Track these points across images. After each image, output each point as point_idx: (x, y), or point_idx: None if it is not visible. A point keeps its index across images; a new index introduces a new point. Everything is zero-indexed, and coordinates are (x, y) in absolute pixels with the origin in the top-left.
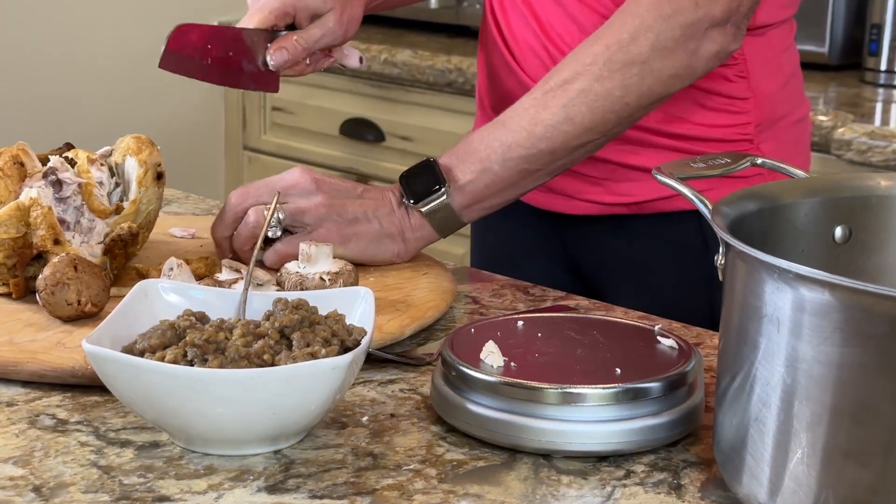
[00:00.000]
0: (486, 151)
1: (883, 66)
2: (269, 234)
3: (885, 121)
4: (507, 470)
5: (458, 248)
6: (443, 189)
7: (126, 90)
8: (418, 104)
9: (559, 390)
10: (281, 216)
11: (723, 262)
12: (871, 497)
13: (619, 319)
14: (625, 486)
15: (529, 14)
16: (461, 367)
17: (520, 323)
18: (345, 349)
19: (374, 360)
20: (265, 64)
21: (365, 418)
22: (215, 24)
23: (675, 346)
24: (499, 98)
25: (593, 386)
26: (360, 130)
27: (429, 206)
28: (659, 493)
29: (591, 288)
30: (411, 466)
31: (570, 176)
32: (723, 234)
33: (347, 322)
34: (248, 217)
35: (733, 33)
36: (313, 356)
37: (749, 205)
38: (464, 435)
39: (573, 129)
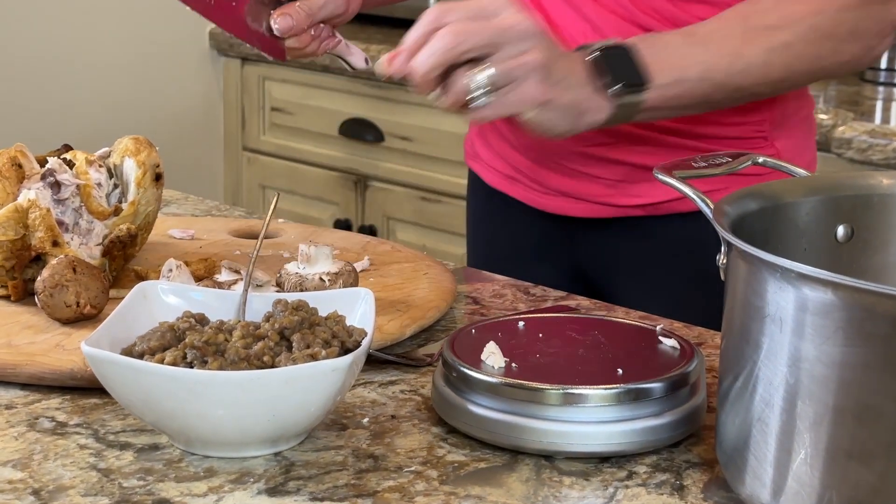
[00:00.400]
0: (682, 62)
1: (883, 65)
2: (474, 104)
3: (886, 119)
4: (508, 471)
5: (458, 248)
6: (646, 86)
7: (124, 91)
8: (417, 104)
9: (560, 391)
10: (491, 76)
11: (724, 261)
12: (875, 497)
13: (620, 320)
14: (627, 486)
15: (540, 14)
16: (462, 368)
17: (521, 323)
18: (345, 350)
19: (374, 361)
20: (269, 30)
21: (365, 420)
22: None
23: (677, 346)
24: None
25: (595, 387)
26: (359, 131)
27: (623, 99)
28: (661, 494)
29: (597, 291)
30: (412, 468)
31: (584, 179)
32: (724, 234)
33: (348, 323)
34: (457, 83)
35: (890, 43)
36: (313, 358)
37: (751, 204)
38: (465, 436)
39: (764, 77)
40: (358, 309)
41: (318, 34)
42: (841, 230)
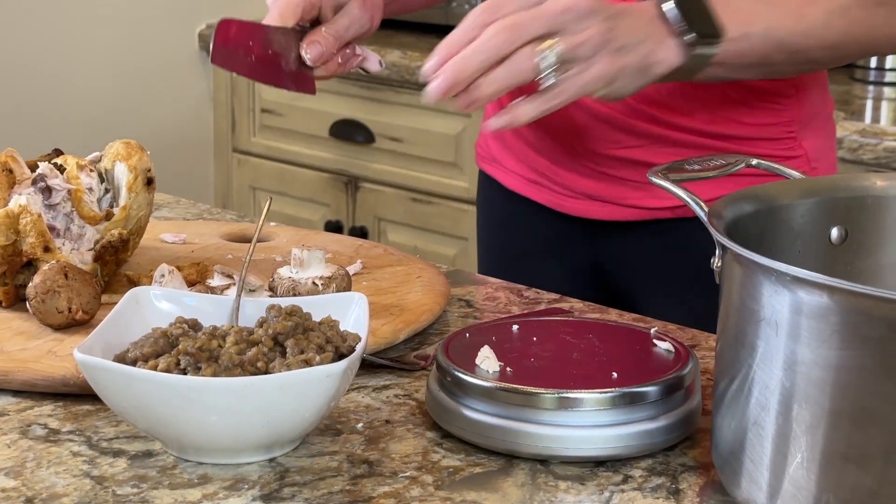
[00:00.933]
0: (748, 17)
1: (873, 64)
2: (543, 85)
3: (876, 118)
4: (504, 476)
5: (449, 249)
6: (720, 38)
7: (115, 95)
8: (408, 105)
9: (556, 395)
10: (558, 54)
11: (719, 264)
12: (872, 501)
13: (614, 322)
14: (623, 491)
15: None
16: (456, 373)
17: (515, 327)
18: (339, 355)
19: (368, 366)
20: (298, 61)
21: (360, 425)
22: (232, 20)
23: (672, 348)
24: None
25: (590, 390)
26: (349, 132)
27: (700, 48)
28: (657, 498)
29: (617, 294)
30: (407, 473)
31: (611, 182)
32: (719, 237)
33: (341, 328)
34: (520, 65)
35: None
36: (308, 363)
37: (745, 206)
38: (460, 441)
39: (823, 40)
40: (351, 313)
41: (344, 57)
42: (835, 232)
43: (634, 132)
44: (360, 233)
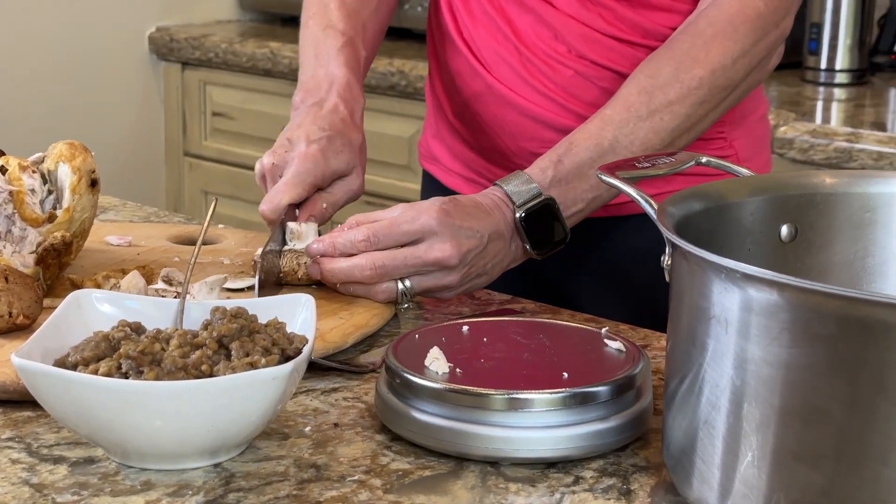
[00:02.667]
0: (597, 179)
1: (823, 65)
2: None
3: (826, 119)
4: (454, 478)
5: None
6: (566, 240)
7: (60, 95)
8: None
9: (506, 396)
10: (412, 291)
11: (669, 262)
12: (822, 499)
13: (565, 323)
14: (574, 492)
15: (501, 19)
16: (405, 375)
17: (465, 328)
18: (286, 358)
19: (316, 369)
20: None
21: (307, 428)
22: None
23: (623, 348)
24: (463, 104)
25: (540, 391)
26: None
27: (546, 255)
28: (609, 499)
29: (557, 294)
30: (356, 477)
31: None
32: (669, 235)
33: (288, 330)
34: (380, 296)
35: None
36: (253, 366)
37: (695, 204)
38: (409, 443)
39: (674, 146)
40: (299, 315)
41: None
42: (785, 230)
43: (566, 131)
44: None
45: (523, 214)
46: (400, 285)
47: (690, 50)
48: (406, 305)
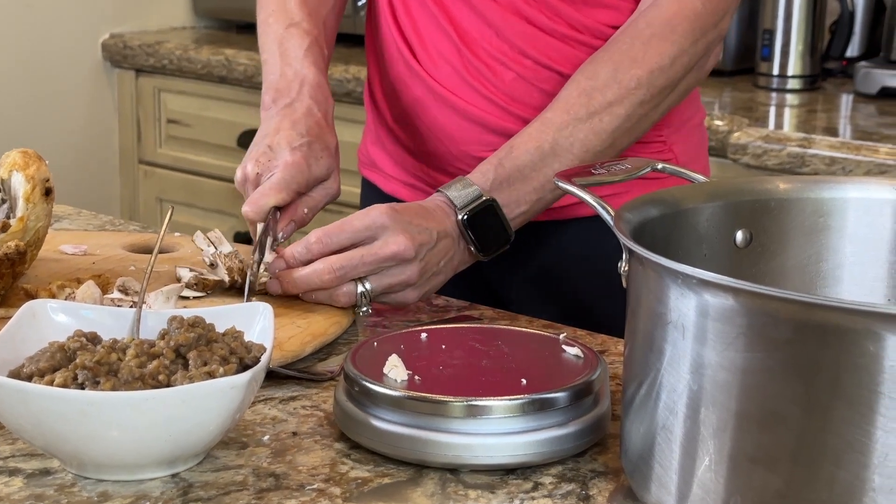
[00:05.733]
0: (539, 181)
1: (775, 71)
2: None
3: (779, 125)
4: (413, 486)
5: None
6: (509, 240)
7: (12, 103)
8: None
9: (464, 403)
10: (371, 293)
11: (626, 268)
12: (779, 502)
13: (523, 329)
14: (533, 498)
15: (443, 18)
16: (364, 382)
17: (423, 335)
18: (244, 367)
19: (274, 377)
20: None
21: (266, 437)
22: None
23: (581, 354)
24: (402, 109)
25: (499, 398)
26: None
27: (492, 256)
28: None
29: (503, 300)
30: (315, 486)
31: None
32: (626, 241)
33: (246, 339)
34: (339, 299)
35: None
36: (210, 375)
37: (651, 210)
38: (368, 451)
39: (612, 152)
40: (257, 324)
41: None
42: (740, 235)
43: (508, 135)
44: None
45: (466, 216)
46: (360, 287)
47: (629, 51)
48: (365, 309)
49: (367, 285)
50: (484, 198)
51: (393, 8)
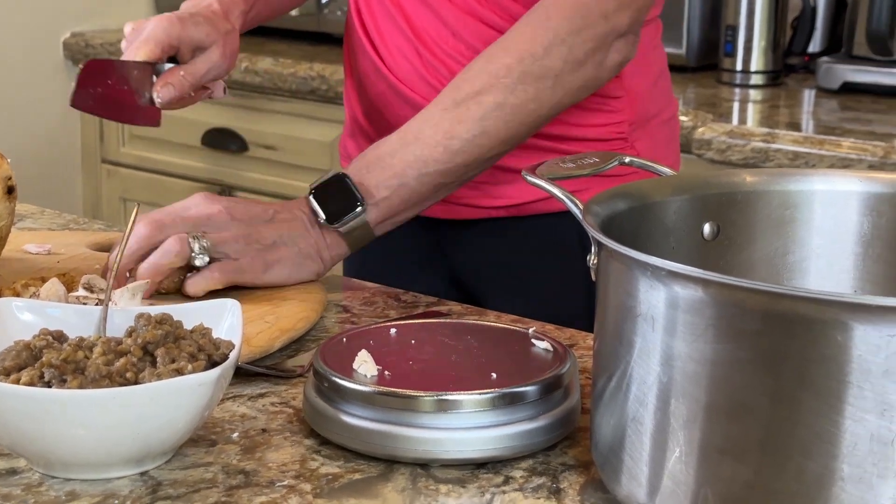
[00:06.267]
0: (400, 166)
1: (738, 67)
2: (198, 262)
3: (743, 120)
4: (383, 482)
5: None
6: (361, 208)
7: None
8: (281, 112)
9: (434, 398)
10: (206, 244)
11: (595, 261)
12: (749, 493)
13: (492, 324)
14: (504, 492)
15: (400, 17)
16: (333, 378)
17: (392, 330)
18: (212, 364)
19: (243, 374)
20: (151, 99)
21: (235, 434)
22: (93, 60)
23: (550, 348)
24: (369, 103)
25: (469, 392)
26: (222, 141)
27: (347, 226)
28: (538, 498)
29: (469, 294)
30: (285, 482)
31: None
32: (595, 234)
33: (214, 335)
34: (170, 246)
35: (633, 41)
36: (179, 372)
37: (620, 204)
38: (339, 447)
39: (488, 143)
40: (225, 321)
41: (197, 93)
42: (707, 228)
43: None
44: None
45: (314, 188)
46: (193, 241)
47: (502, 41)
48: (202, 257)
49: (203, 239)
50: (333, 172)
51: (359, 6)
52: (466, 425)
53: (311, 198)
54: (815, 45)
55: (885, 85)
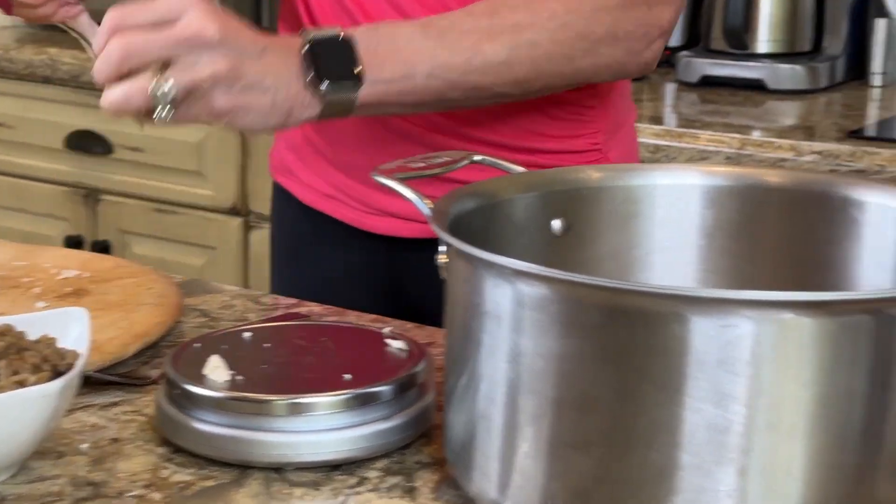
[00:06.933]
0: (413, 56)
1: None
2: (157, 115)
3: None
4: (236, 487)
5: (197, 259)
6: (358, 80)
7: None
8: None
9: (287, 401)
10: (173, 91)
11: (444, 260)
12: (596, 485)
13: (348, 324)
14: (358, 493)
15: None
16: (185, 385)
17: (246, 334)
18: (57, 375)
19: (95, 383)
20: None
21: (84, 445)
22: None
23: (405, 347)
24: None
25: (322, 394)
26: (86, 143)
27: (335, 94)
28: (392, 498)
29: (419, 313)
30: (135, 492)
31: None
32: (441, 233)
33: (61, 345)
34: (126, 93)
35: (660, 49)
36: (21, 384)
37: (468, 202)
38: (192, 455)
39: (506, 76)
40: (72, 330)
41: (63, 7)
42: (556, 224)
43: (434, 147)
44: (103, 248)
45: (312, 40)
46: (159, 85)
47: None
48: (165, 114)
49: (169, 82)
50: (336, 31)
51: (308, 6)
52: (320, 427)
53: (307, 49)
54: (675, 40)
55: (742, 78)
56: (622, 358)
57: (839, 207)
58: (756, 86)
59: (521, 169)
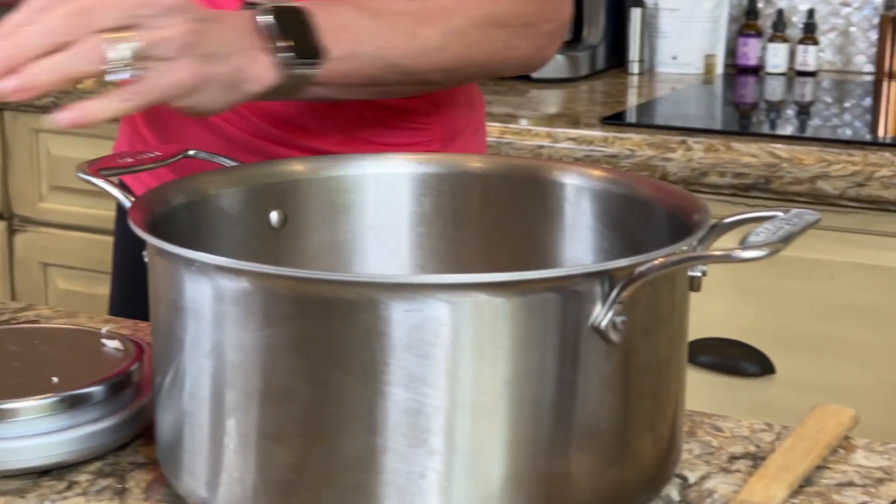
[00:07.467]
0: (359, 35)
1: None
2: (110, 77)
3: None
4: None
5: None
6: (321, 59)
7: None
8: None
9: None
10: (131, 51)
11: (147, 259)
12: (297, 475)
13: (63, 326)
14: (66, 498)
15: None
16: None
17: None
18: None
19: None
20: None
21: None
22: None
23: (121, 347)
24: (153, 112)
25: (26, 399)
26: None
27: (301, 69)
28: (101, 500)
29: None
30: None
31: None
32: (136, 229)
33: None
34: (89, 48)
35: (556, 47)
36: None
37: (178, 197)
38: None
39: (437, 62)
40: None
41: None
42: (274, 216)
43: (263, 154)
44: None
45: (270, 10)
46: (109, 46)
47: None
48: (123, 74)
49: (129, 42)
50: (297, 9)
51: None
52: (26, 433)
53: (268, 21)
54: None
55: None
56: (315, 347)
57: (546, 191)
58: (519, 75)
59: (232, 163)
